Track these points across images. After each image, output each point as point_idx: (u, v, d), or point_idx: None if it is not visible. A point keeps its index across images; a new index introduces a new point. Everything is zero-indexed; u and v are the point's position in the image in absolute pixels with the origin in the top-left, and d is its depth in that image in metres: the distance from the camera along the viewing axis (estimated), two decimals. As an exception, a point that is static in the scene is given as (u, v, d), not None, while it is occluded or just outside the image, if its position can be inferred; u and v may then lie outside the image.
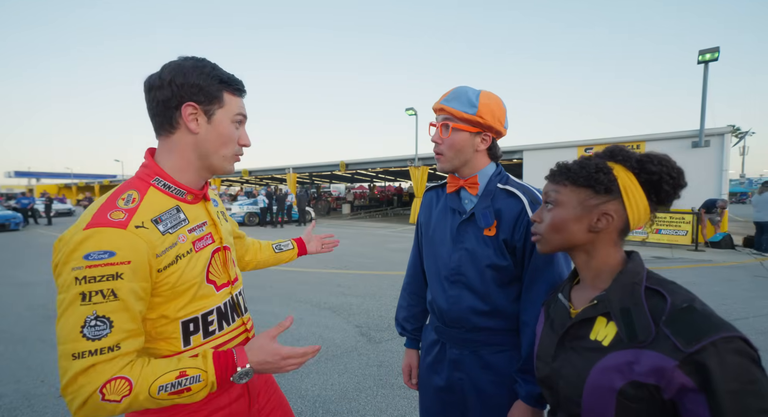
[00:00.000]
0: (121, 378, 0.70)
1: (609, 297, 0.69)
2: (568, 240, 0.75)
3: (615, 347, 0.66)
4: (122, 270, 0.71)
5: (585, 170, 0.72)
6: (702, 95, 9.90)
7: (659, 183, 0.70)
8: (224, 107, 0.86)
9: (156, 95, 0.82)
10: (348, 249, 9.20)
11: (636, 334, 0.63)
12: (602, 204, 0.71)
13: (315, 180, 32.12)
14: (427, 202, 1.23)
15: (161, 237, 0.79)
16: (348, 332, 3.72)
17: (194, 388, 0.75)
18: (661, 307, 0.64)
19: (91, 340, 0.69)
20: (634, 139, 11.15)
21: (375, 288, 5.36)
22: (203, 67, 0.84)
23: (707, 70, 9.80)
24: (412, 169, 16.43)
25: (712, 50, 9.61)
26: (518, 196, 1.03)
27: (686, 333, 0.59)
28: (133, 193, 0.82)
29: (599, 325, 0.70)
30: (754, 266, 6.82)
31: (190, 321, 0.85)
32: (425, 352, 1.22)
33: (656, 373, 0.60)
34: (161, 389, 0.72)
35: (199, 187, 0.92)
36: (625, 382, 0.63)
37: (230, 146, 0.89)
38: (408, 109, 16.49)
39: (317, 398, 2.54)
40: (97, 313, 0.69)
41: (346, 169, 19.59)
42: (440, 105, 1.05)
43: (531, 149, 13.24)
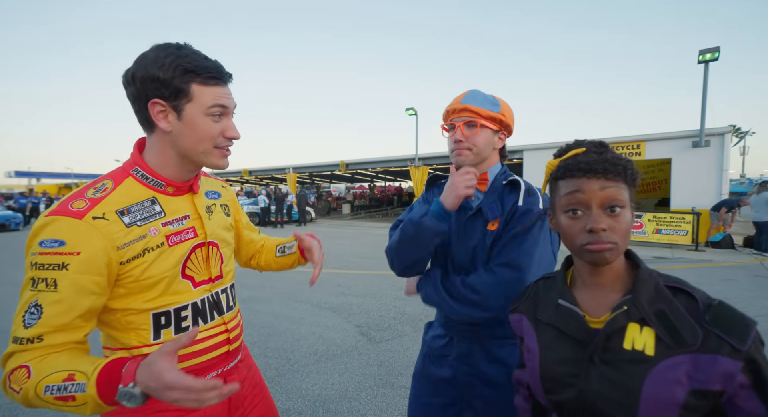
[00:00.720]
0: (24, 367, 0.66)
1: (638, 300, 0.63)
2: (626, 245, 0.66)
3: (663, 355, 0.59)
4: (69, 260, 0.69)
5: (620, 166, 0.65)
6: (702, 95, 9.89)
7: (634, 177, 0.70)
8: (193, 101, 0.77)
9: (128, 93, 0.79)
10: (348, 249, 9.20)
11: (683, 338, 0.58)
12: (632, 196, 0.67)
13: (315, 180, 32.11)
14: (436, 194, 1.22)
15: (124, 229, 0.76)
16: (348, 332, 3.72)
17: (79, 398, 0.63)
18: (693, 305, 0.60)
19: (25, 328, 0.68)
20: (634, 138, 11.14)
21: (375, 288, 5.36)
22: (165, 57, 0.75)
23: (707, 69, 9.79)
24: (412, 169, 16.43)
25: (713, 50, 9.60)
26: (518, 184, 1.09)
27: (736, 330, 0.57)
28: (107, 182, 0.80)
29: (632, 333, 0.62)
30: (754, 266, 6.81)
31: (162, 314, 0.82)
32: (427, 346, 1.23)
33: (725, 378, 0.56)
34: (47, 390, 0.64)
35: (183, 180, 0.87)
36: (689, 392, 0.57)
37: (207, 142, 0.81)
38: (408, 109, 16.49)
39: (317, 398, 2.54)
40: (37, 300, 0.69)
41: (346, 169, 19.59)
42: (463, 105, 1.07)
43: (531, 149, 13.24)
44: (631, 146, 11.20)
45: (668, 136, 10.59)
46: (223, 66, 0.83)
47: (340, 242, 10.61)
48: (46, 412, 2.39)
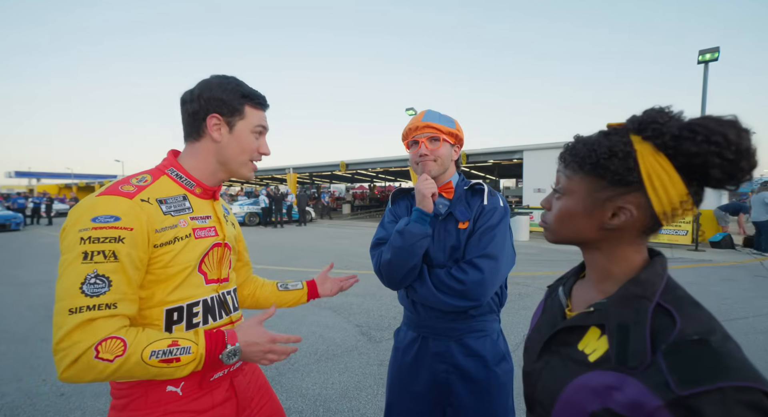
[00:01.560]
0: (117, 338, 0.72)
1: (609, 307, 0.57)
2: (577, 235, 0.62)
3: (600, 366, 0.55)
4: (124, 235, 0.76)
5: (593, 155, 0.57)
6: (702, 95, 9.90)
7: (705, 167, 0.51)
8: (245, 119, 0.94)
9: (187, 108, 0.93)
10: (348, 249, 9.21)
11: (626, 359, 0.52)
12: (618, 196, 0.56)
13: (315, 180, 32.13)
14: (404, 206, 1.32)
15: (162, 215, 0.85)
16: (348, 331, 3.72)
17: (183, 359, 0.76)
18: (667, 331, 0.51)
19: (90, 297, 0.71)
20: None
21: (375, 288, 5.36)
22: (227, 84, 0.92)
23: (707, 70, 9.80)
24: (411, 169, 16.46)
25: (712, 50, 9.61)
26: (481, 188, 1.22)
27: (685, 372, 0.46)
28: (146, 176, 0.90)
29: (591, 336, 0.59)
30: (754, 266, 6.82)
31: (175, 310, 0.86)
32: (402, 354, 1.25)
33: (634, 408, 0.49)
34: (153, 354, 0.73)
35: (211, 185, 0.98)
36: (601, 408, 0.53)
37: (248, 154, 0.96)
38: (408, 109, 16.50)
39: (318, 397, 2.55)
40: (97, 271, 0.73)
41: (346, 169, 19.61)
42: (425, 123, 1.19)
43: (531, 149, 13.25)
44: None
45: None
46: (266, 97, 1.00)
47: (340, 242, 10.62)
48: (48, 411, 2.40)
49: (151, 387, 0.83)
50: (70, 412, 2.40)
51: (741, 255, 8.01)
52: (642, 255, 0.60)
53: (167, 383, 0.84)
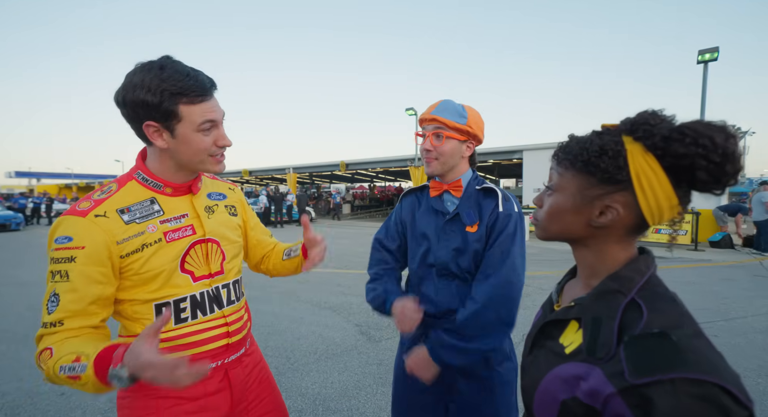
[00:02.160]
0: (48, 349, 0.77)
1: (586, 301, 0.60)
2: (565, 231, 0.64)
3: (574, 357, 0.57)
4: (76, 254, 0.79)
5: (585, 153, 0.58)
6: (701, 95, 9.91)
7: (692, 170, 0.52)
8: (183, 120, 0.82)
9: (121, 113, 0.85)
10: (348, 249, 9.22)
11: (595, 350, 0.54)
12: (606, 195, 0.57)
13: (315, 180, 32.12)
14: (408, 205, 1.30)
15: (123, 226, 0.84)
16: (348, 331, 3.73)
17: (82, 378, 0.69)
18: (633, 324, 0.53)
19: (49, 314, 0.79)
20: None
21: (375, 287, 5.37)
22: (150, 81, 0.78)
23: (707, 70, 9.81)
24: (412, 169, 16.46)
25: (712, 50, 9.62)
26: (495, 191, 1.17)
27: (640, 362, 0.48)
28: (113, 185, 0.90)
29: (570, 330, 0.62)
30: (753, 266, 6.83)
31: (163, 304, 0.88)
32: (408, 348, 1.24)
33: (592, 394, 0.52)
34: (61, 369, 0.72)
35: (181, 182, 0.94)
36: (570, 397, 0.55)
37: (202, 153, 0.88)
38: (408, 109, 16.52)
39: (317, 396, 2.56)
40: (55, 290, 0.79)
41: (346, 169, 19.61)
42: (432, 116, 1.13)
43: (530, 149, 13.25)
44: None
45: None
46: (205, 78, 0.85)
47: (340, 242, 10.62)
48: (49, 410, 2.41)
49: None
50: (71, 411, 2.41)
51: (740, 255, 8.01)
52: (628, 252, 0.61)
53: None
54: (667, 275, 6.14)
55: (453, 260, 1.14)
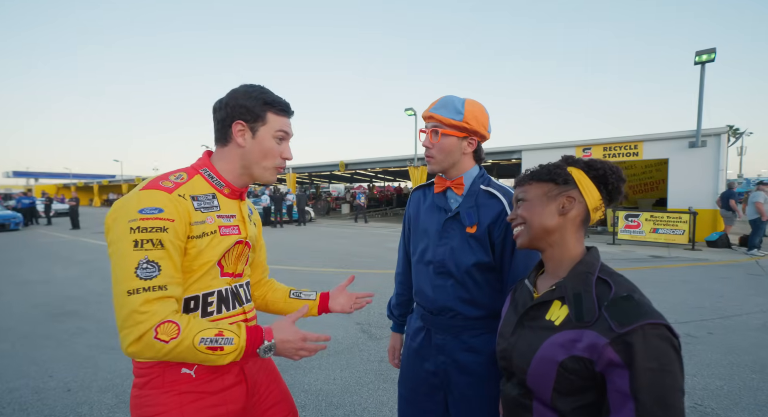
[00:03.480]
0: (172, 322, 0.80)
1: (565, 283, 0.79)
2: (542, 227, 0.84)
3: (564, 327, 0.75)
4: (167, 225, 0.84)
5: (545, 168, 0.88)
6: (699, 96, 9.98)
7: (605, 177, 0.84)
8: (267, 125, 0.99)
9: (217, 115, 1.00)
10: (348, 248, 9.26)
11: (582, 316, 0.73)
12: (565, 191, 0.84)
13: (314, 180, 32.14)
14: (415, 200, 1.33)
15: (194, 211, 0.92)
16: (349, 329, 3.78)
17: (226, 349, 0.83)
18: (606, 294, 0.74)
19: (143, 280, 0.80)
20: (632, 139, 11.23)
21: (375, 286, 5.42)
22: (252, 92, 0.98)
23: (704, 70, 9.88)
24: (411, 168, 16.50)
25: (709, 51, 9.69)
26: (498, 198, 1.14)
27: (620, 316, 0.68)
28: (183, 174, 0.98)
29: (554, 308, 0.80)
30: (749, 265, 6.90)
31: (191, 298, 0.92)
32: (410, 339, 1.29)
33: (591, 349, 0.69)
34: (202, 341, 0.81)
35: (238, 186, 1.04)
36: (567, 356, 0.72)
37: (270, 159, 1.01)
38: (407, 109, 16.56)
39: (320, 392, 2.60)
40: (148, 257, 0.81)
41: (345, 169, 19.64)
42: (429, 113, 1.15)
43: (529, 149, 13.32)
44: (629, 146, 11.29)
45: (665, 137, 10.68)
46: (289, 104, 1.05)
47: (340, 242, 10.67)
48: (56, 406, 2.44)
49: (168, 368, 0.90)
50: (78, 406, 2.45)
51: (736, 254, 8.08)
52: (582, 247, 0.86)
53: (182, 365, 0.90)
54: (664, 274, 6.20)
55: (450, 259, 1.14)
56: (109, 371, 2.92)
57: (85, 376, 2.86)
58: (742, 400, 2.46)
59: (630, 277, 0.78)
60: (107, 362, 3.08)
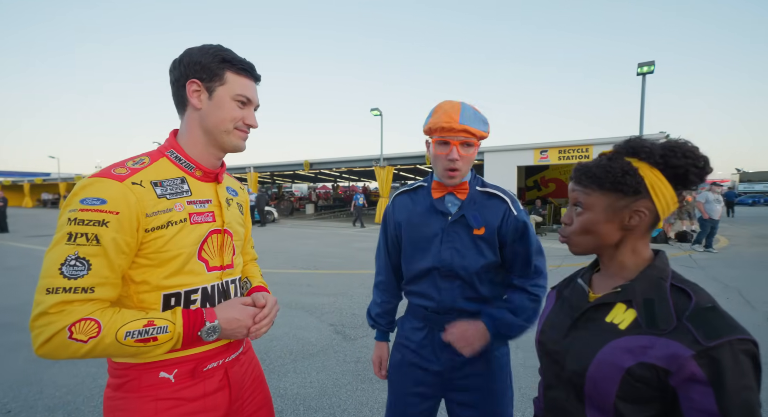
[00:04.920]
0: (91, 319, 0.72)
1: (634, 286, 0.71)
2: (600, 241, 0.76)
3: (631, 331, 0.68)
4: (109, 219, 0.75)
5: (611, 176, 0.72)
6: (641, 104, 10.90)
7: (686, 175, 0.70)
8: (225, 85, 0.88)
9: (171, 77, 0.90)
10: (315, 249, 9.10)
11: (656, 323, 0.66)
12: (632, 203, 0.72)
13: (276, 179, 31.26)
14: (402, 206, 1.28)
15: (155, 199, 0.83)
16: (323, 331, 3.70)
17: (160, 338, 0.77)
18: (685, 304, 0.66)
19: (68, 278, 0.72)
20: (583, 142, 12.03)
21: (345, 286, 5.36)
22: (209, 48, 0.88)
23: (644, 81, 10.81)
24: (377, 169, 16.53)
25: (649, 63, 10.63)
26: (500, 196, 1.18)
27: (708, 329, 0.62)
28: (145, 158, 0.88)
29: (617, 310, 0.72)
30: (684, 258, 7.64)
31: (172, 295, 0.85)
32: (406, 339, 1.28)
33: (670, 359, 0.62)
34: (128, 335, 0.74)
35: (210, 167, 0.95)
36: (636, 363, 0.65)
37: (230, 122, 0.90)
38: (373, 109, 16.57)
39: (297, 396, 2.52)
40: (78, 254, 0.73)
41: (310, 169, 19.29)
42: (463, 126, 1.07)
43: (491, 151, 13.83)
44: (580, 149, 12.08)
45: (613, 141, 11.53)
46: (255, 66, 0.94)
47: (307, 242, 10.45)
48: (59, 404, 2.17)
49: (145, 371, 0.84)
50: None
51: (673, 249, 8.93)
52: (649, 249, 0.77)
53: (160, 369, 0.84)
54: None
55: (458, 262, 1.15)
56: (57, 388, 2.65)
57: (28, 395, 2.56)
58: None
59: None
60: (54, 377, 2.79)
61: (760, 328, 3.68)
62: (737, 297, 4.74)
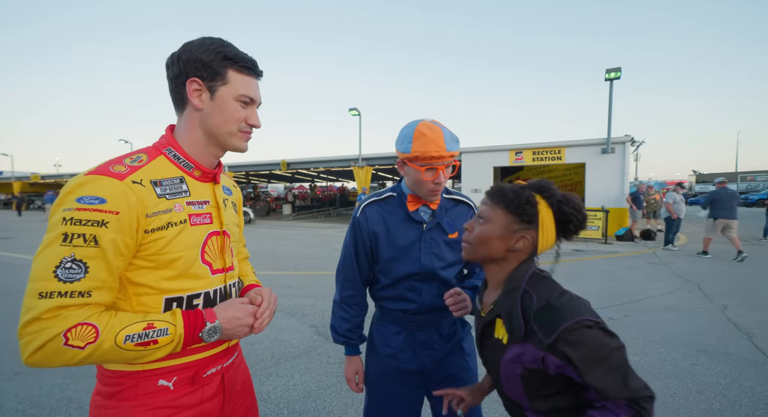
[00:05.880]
0: (88, 324, 0.69)
1: (500, 301, 0.85)
2: (488, 253, 0.88)
3: (510, 343, 0.83)
4: (108, 219, 0.71)
5: (518, 199, 0.85)
6: (609, 108, 11.42)
7: (568, 223, 0.85)
8: (227, 84, 0.84)
9: (169, 73, 0.85)
10: (294, 250, 8.98)
11: (513, 333, 0.80)
12: (523, 230, 0.85)
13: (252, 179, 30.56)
14: (376, 216, 1.28)
15: (156, 199, 0.79)
16: (304, 333, 3.67)
17: (161, 341, 0.74)
18: (531, 306, 0.80)
19: (63, 282, 0.68)
20: (556, 144, 12.46)
21: (326, 287, 5.32)
22: (210, 44, 0.83)
23: (612, 86, 11.34)
24: (355, 169, 16.49)
25: (616, 70, 11.16)
26: (466, 202, 1.31)
27: (546, 326, 0.76)
28: (142, 155, 0.84)
29: (498, 326, 0.87)
30: (648, 255, 8.08)
31: (174, 300, 0.82)
32: (386, 345, 1.30)
33: (535, 360, 0.78)
34: (128, 339, 0.71)
35: (209, 166, 0.92)
36: (522, 369, 0.81)
37: (233, 124, 0.87)
38: (351, 109, 16.52)
39: (280, 399, 2.49)
40: (75, 255, 0.69)
41: (287, 168, 18.99)
42: (450, 153, 1.13)
43: (468, 152, 14.09)
44: (553, 151, 12.51)
45: (583, 143, 12.04)
46: (257, 63, 0.90)
47: (285, 243, 10.29)
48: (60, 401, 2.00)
49: (143, 379, 0.81)
50: None
51: (638, 246, 9.41)
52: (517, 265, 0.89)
53: (159, 377, 0.82)
54: (588, 265, 7.00)
55: (438, 265, 1.23)
56: (18, 400, 2.49)
57: (-13, 409, 2.39)
58: (655, 371, 2.88)
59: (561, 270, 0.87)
60: (14, 389, 2.61)
61: (716, 320, 3.96)
62: (697, 291, 5.06)
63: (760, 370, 2.84)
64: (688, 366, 2.94)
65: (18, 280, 5.71)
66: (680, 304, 4.49)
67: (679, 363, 2.99)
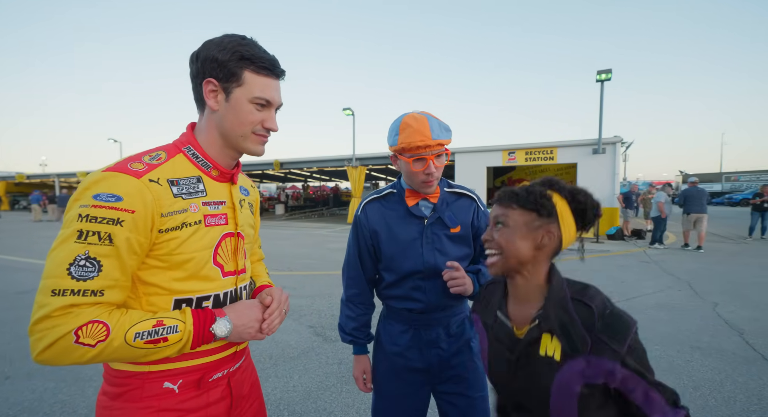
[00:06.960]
0: (99, 322, 0.68)
1: (547, 315, 0.79)
2: (518, 258, 0.83)
3: (566, 359, 0.77)
4: (124, 217, 0.71)
5: (532, 196, 0.83)
6: (599, 109, 11.57)
7: (584, 211, 0.84)
8: (243, 86, 0.82)
9: (191, 70, 0.85)
10: (289, 250, 8.92)
11: (577, 347, 0.75)
12: (545, 225, 0.83)
13: (244, 179, 30.22)
14: (376, 213, 1.28)
15: (172, 198, 0.78)
16: (302, 333, 3.64)
17: (171, 338, 0.74)
18: (589, 316, 0.76)
19: (76, 280, 0.67)
20: (548, 144, 12.59)
21: (323, 288, 5.30)
22: (228, 43, 0.81)
23: (603, 87, 11.50)
24: (349, 168, 16.45)
25: (606, 71, 11.32)
26: (468, 195, 1.29)
27: (617, 336, 0.74)
28: (161, 153, 0.83)
29: (545, 341, 0.80)
30: (639, 254, 8.21)
31: (184, 301, 0.81)
32: (392, 344, 1.30)
33: (606, 374, 0.74)
34: (137, 336, 0.71)
35: (226, 166, 0.90)
36: (582, 384, 0.77)
37: (247, 126, 0.85)
38: (345, 109, 16.47)
39: (280, 401, 2.47)
40: (89, 253, 0.68)
41: (280, 168, 18.86)
42: (437, 141, 1.11)
43: (461, 152, 14.16)
44: (545, 151, 12.64)
45: (575, 144, 12.18)
46: (278, 62, 0.87)
47: (279, 243, 10.22)
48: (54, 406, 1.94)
49: (148, 381, 0.80)
50: None
51: (629, 245, 9.56)
52: (546, 268, 0.87)
53: (164, 379, 0.81)
54: (580, 264, 7.08)
55: (441, 260, 1.21)
56: (9, 405, 2.42)
57: (-23, 415, 2.33)
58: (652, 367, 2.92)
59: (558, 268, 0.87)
60: (5, 394, 2.55)
61: (707, 317, 4.03)
62: (687, 289, 5.15)
63: (752, 367, 2.91)
64: (683, 362, 2.99)
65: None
66: (672, 302, 4.57)
67: (674, 360, 3.04)
